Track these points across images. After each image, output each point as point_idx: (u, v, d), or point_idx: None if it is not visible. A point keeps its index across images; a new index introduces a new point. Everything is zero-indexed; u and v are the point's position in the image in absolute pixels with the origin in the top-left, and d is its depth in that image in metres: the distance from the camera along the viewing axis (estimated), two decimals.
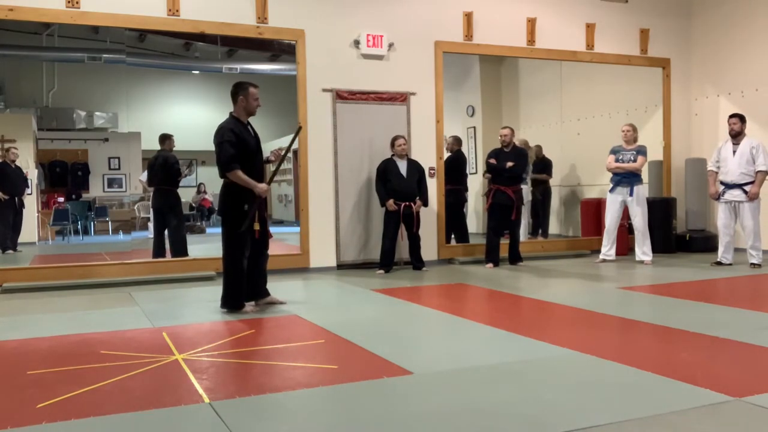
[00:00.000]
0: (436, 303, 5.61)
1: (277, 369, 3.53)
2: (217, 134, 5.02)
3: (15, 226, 9.84)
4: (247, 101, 5.09)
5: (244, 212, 4.98)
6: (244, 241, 5.05)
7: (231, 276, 5.09)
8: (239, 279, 5.09)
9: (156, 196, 8.41)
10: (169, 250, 8.05)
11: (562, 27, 8.75)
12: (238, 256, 5.05)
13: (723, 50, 9.17)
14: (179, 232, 8.19)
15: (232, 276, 5.08)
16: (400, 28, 7.93)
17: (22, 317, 5.12)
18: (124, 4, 6.78)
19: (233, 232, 5.01)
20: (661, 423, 2.59)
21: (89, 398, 3.01)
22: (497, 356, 3.71)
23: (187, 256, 7.89)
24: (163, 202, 8.21)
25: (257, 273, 5.26)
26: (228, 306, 5.12)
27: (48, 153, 13.13)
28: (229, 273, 5.09)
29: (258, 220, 5.05)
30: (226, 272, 5.11)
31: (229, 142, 4.93)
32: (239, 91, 5.10)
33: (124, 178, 13.80)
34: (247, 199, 5.00)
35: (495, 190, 7.81)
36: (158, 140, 8.37)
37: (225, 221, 5.06)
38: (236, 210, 5.01)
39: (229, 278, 5.10)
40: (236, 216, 5.01)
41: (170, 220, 8.12)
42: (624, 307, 5.23)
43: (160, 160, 8.22)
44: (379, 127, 7.78)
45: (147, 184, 8.71)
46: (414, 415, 2.75)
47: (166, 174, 8.21)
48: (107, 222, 12.94)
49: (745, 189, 7.28)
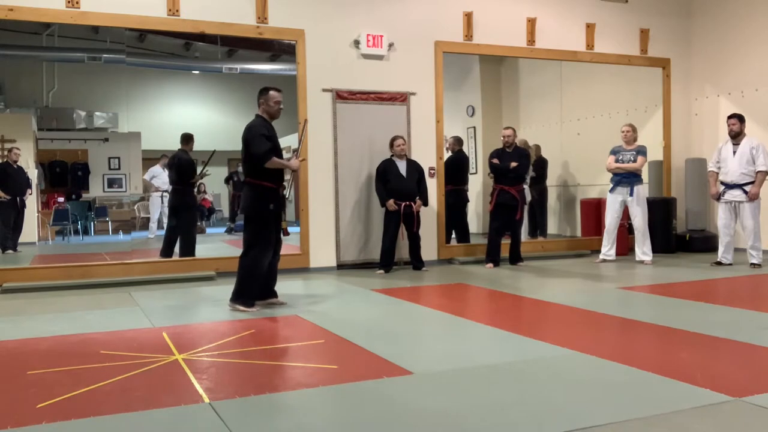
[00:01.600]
0: (436, 303, 5.61)
1: (277, 369, 3.53)
2: (247, 130, 5.17)
3: (16, 226, 9.83)
4: (267, 104, 5.24)
5: (270, 211, 5.11)
6: (270, 241, 5.16)
7: (250, 273, 5.14)
8: (258, 277, 5.17)
9: (171, 196, 8.67)
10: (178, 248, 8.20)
11: (562, 27, 8.75)
12: (263, 254, 5.14)
13: (723, 50, 9.17)
14: (187, 232, 8.31)
15: (251, 273, 5.14)
16: (400, 28, 7.93)
17: (22, 317, 5.11)
18: (124, 4, 6.78)
19: (261, 231, 5.12)
20: (661, 423, 2.59)
21: (89, 398, 3.01)
22: (497, 356, 3.71)
23: (193, 256, 8.00)
24: (176, 201, 8.42)
25: (269, 273, 5.33)
26: (239, 302, 5.15)
27: (48, 153, 13.12)
28: (248, 270, 5.14)
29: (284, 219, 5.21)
30: (246, 269, 5.15)
31: (262, 135, 5.09)
32: (261, 95, 5.27)
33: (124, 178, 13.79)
34: (273, 198, 5.12)
35: (499, 190, 7.81)
36: (180, 140, 8.50)
37: (251, 220, 5.15)
38: (263, 209, 5.12)
39: (248, 275, 5.14)
40: (263, 215, 5.12)
41: (181, 219, 8.27)
42: (624, 307, 5.23)
43: (176, 160, 8.41)
44: (379, 127, 7.77)
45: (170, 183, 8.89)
46: (414, 415, 2.75)
47: (179, 173, 8.36)
48: (107, 222, 12.93)
49: (746, 189, 7.27)
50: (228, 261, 7.63)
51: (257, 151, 5.06)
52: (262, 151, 5.05)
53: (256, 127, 5.15)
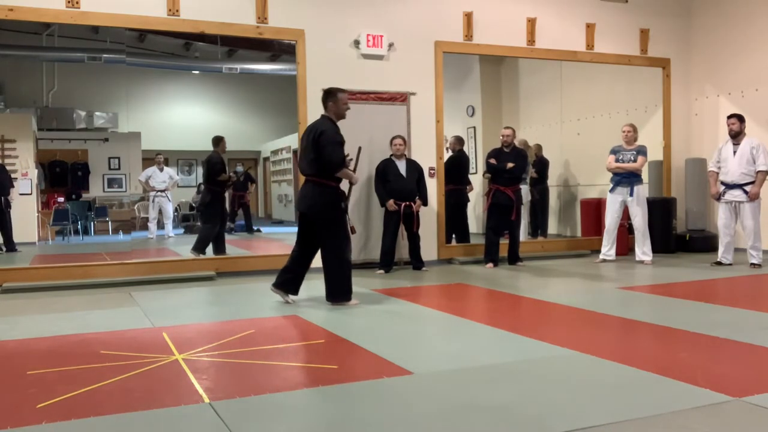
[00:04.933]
0: (436, 303, 5.61)
1: (277, 369, 3.53)
2: (325, 134, 5.26)
3: (3, 225, 9.75)
4: (337, 106, 5.43)
5: (342, 210, 5.37)
6: (349, 237, 5.41)
7: (345, 269, 5.38)
8: (350, 271, 5.42)
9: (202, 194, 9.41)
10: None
11: (562, 27, 8.75)
12: (347, 250, 5.41)
13: (723, 50, 9.17)
14: (203, 230, 8.77)
15: (346, 269, 5.38)
16: (400, 28, 7.93)
17: (22, 317, 5.11)
18: (124, 4, 6.78)
19: (339, 228, 5.34)
20: (661, 423, 2.59)
21: (89, 398, 3.01)
22: (497, 356, 3.71)
23: (203, 254, 8.26)
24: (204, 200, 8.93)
25: (304, 269, 5.53)
26: (344, 299, 5.37)
27: (48, 153, 13.13)
28: (342, 267, 5.36)
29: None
30: (340, 266, 5.35)
31: (341, 144, 5.30)
32: (329, 97, 5.45)
33: (124, 178, 13.81)
34: (343, 197, 5.39)
35: (495, 190, 7.82)
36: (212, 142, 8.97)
37: (329, 220, 5.33)
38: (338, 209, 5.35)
39: (344, 272, 5.37)
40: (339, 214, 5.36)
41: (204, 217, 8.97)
42: (624, 307, 5.23)
43: (206, 160, 8.94)
44: (379, 127, 7.77)
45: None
46: (414, 415, 2.75)
47: (207, 173, 8.89)
48: (107, 222, 12.94)
49: (746, 189, 7.27)
50: (228, 261, 7.64)
51: (334, 159, 5.22)
52: (338, 160, 5.24)
53: (332, 133, 5.27)
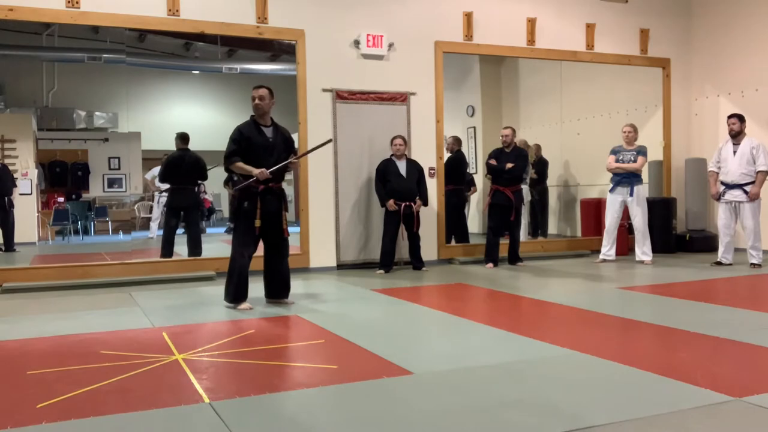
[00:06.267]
0: (436, 303, 5.61)
1: (277, 369, 3.53)
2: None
3: (5, 225, 9.76)
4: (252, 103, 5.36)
5: (245, 209, 5.23)
6: (244, 240, 5.28)
7: (229, 271, 5.37)
8: (234, 274, 5.29)
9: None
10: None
11: (562, 27, 8.75)
12: (238, 252, 5.30)
13: (723, 50, 9.17)
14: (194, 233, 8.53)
15: (229, 271, 5.36)
16: (400, 28, 7.93)
17: (22, 317, 5.11)
18: (124, 4, 6.78)
19: (236, 230, 5.38)
20: (661, 423, 2.59)
21: (89, 398, 3.01)
22: (497, 356, 3.71)
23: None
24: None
25: (270, 274, 5.45)
26: (226, 299, 5.38)
27: (48, 153, 13.11)
28: (229, 268, 5.36)
29: (260, 217, 5.21)
30: (229, 267, 5.36)
31: (232, 139, 5.26)
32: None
33: (124, 178, 13.79)
34: (247, 197, 5.24)
35: (494, 190, 7.82)
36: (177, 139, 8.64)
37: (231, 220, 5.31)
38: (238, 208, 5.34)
39: (228, 273, 5.37)
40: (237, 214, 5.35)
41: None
42: (624, 307, 5.22)
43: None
44: (379, 127, 7.78)
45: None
46: (414, 415, 2.75)
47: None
48: (107, 222, 12.93)
49: (746, 189, 7.27)
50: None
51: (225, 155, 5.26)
52: (225, 155, 5.25)
53: (233, 131, 5.29)
